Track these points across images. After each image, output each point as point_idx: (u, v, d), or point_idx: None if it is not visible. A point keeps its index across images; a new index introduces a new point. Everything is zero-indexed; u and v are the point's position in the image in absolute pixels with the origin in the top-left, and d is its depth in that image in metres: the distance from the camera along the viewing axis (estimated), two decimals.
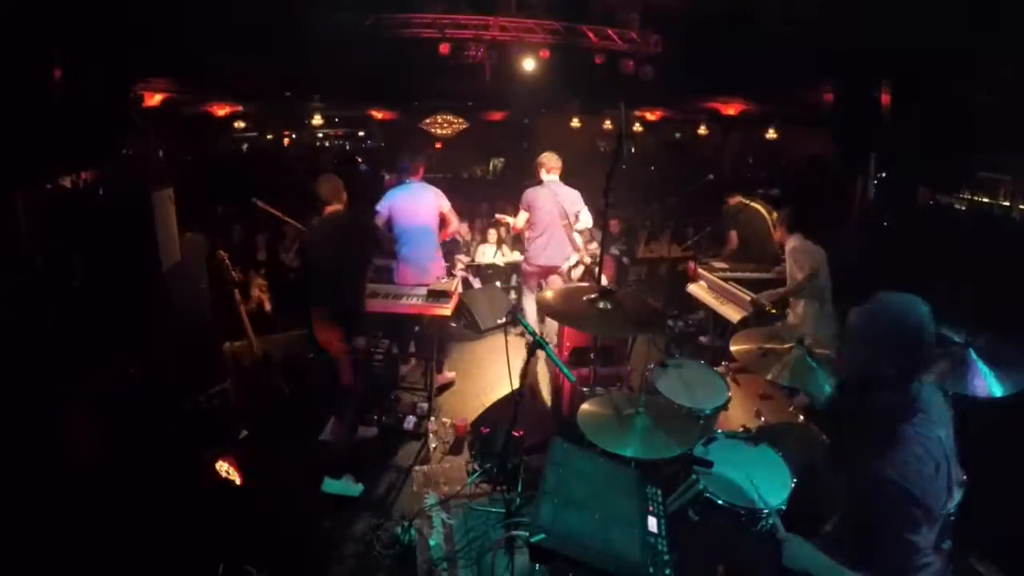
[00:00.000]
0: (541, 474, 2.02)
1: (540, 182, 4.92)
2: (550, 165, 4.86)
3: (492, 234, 7.40)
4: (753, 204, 5.38)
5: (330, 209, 3.67)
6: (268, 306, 5.18)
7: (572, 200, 4.84)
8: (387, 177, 4.88)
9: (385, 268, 4.67)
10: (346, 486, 3.42)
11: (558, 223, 4.82)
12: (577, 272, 5.62)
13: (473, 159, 14.78)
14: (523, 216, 4.88)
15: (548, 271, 4.96)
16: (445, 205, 4.52)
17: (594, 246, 5.64)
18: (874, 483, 1.58)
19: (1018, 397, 2.25)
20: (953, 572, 1.75)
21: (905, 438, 1.58)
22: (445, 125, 15.35)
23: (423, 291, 4.22)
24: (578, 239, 5.05)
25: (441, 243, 4.62)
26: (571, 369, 2.71)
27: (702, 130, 13.42)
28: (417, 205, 4.42)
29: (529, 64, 7.15)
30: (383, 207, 4.39)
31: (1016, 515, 2.46)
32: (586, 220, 4.91)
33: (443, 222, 4.56)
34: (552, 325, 4.61)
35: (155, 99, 8.73)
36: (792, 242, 4.12)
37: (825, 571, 1.74)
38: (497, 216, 5.90)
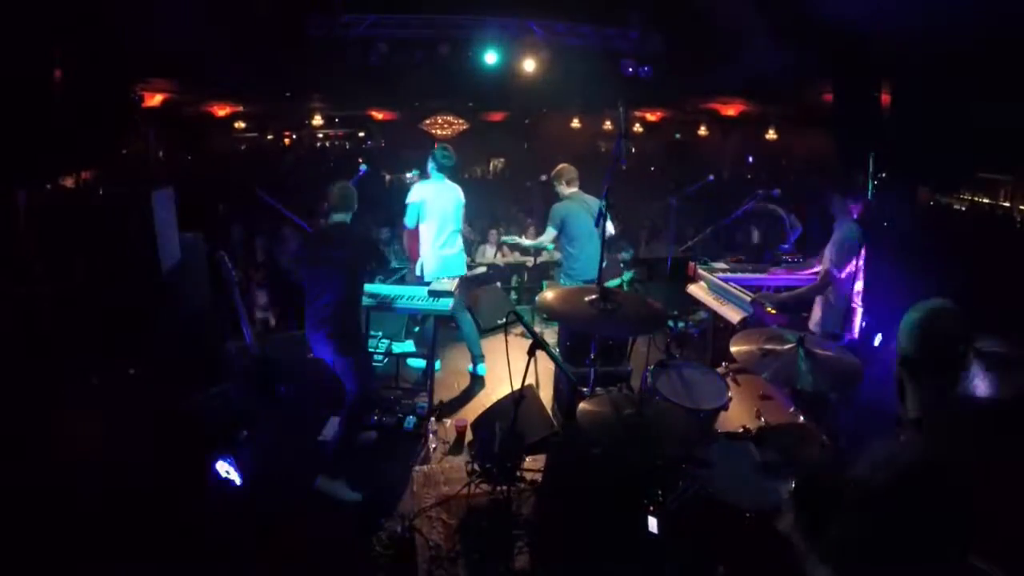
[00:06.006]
0: None
1: (558, 196, 4.77)
2: (570, 177, 4.73)
3: (492, 234, 7.41)
4: (770, 205, 5.42)
5: (336, 218, 3.55)
6: (273, 321, 5.24)
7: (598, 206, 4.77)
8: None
9: None
10: (341, 489, 3.38)
11: (595, 235, 4.60)
12: None
13: (473, 159, 14.81)
14: (551, 233, 4.73)
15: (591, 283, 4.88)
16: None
17: None
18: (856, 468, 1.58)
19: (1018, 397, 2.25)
20: (953, 571, 1.74)
21: (912, 440, 1.57)
22: (445, 125, 15.38)
23: (423, 291, 4.22)
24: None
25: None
26: (571, 369, 2.71)
27: (702, 130, 13.43)
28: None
29: (529, 64, 7.15)
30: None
31: (1016, 515, 2.46)
32: (610, 227, 4.66)
33: None
34: None
35: (155, 99, 8.75)
36: (844, 230, 3.69)
37: None
38: (504, 240, 5.90)
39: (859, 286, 4.01)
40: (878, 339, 3.83)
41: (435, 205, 4.53)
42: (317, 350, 3.59)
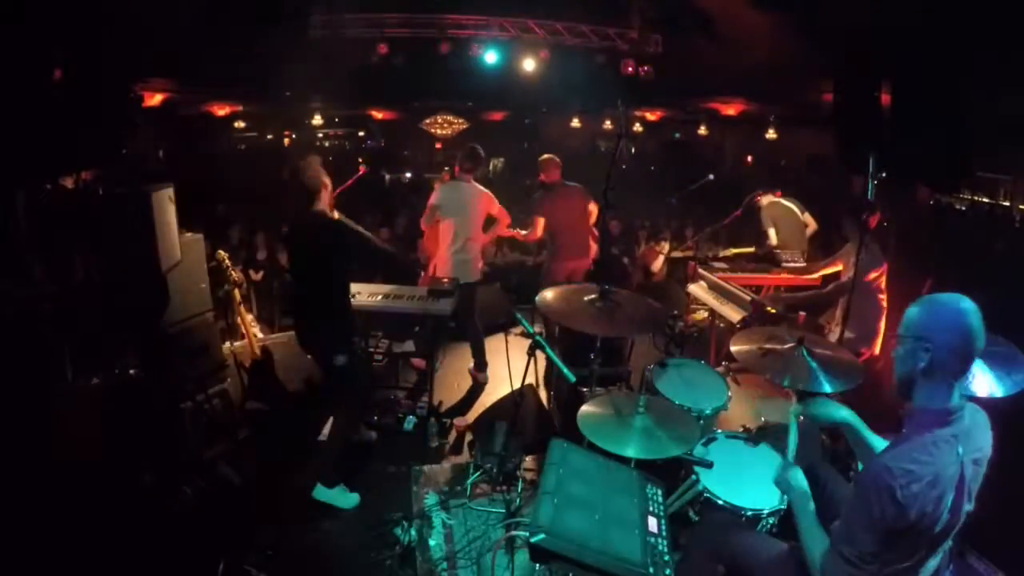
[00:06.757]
0: (541, 474, 2.02)
1: (543, 185, 5.02)
2: (552, 168, 4.98)
3: None
4: (785, 202, 5.52)
5: (315, 207, 3.20)
6: (261, 334, 5.28)
7: (582, 194, 4.98)
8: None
9: None
10: (339, 495, 3.32)
11: (577, 221, 4.95)
12: None
13: None
14: (540, 223, 4.91)
15: (576, 268, 5.07)
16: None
17: None
18: (870, 468, 1.59)
19: (1019, 397, 2.26)
20: (953, 572, 1.75)
21: (918, 440, 1.56)
22: (445, 125, 15.40)
23: (423, 291, 4.21)
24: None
25: None
26: (570, 369, 2.70)
27: (702, 130, 13.43)
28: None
29: (529, 64, 7.15)
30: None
31: (1016, 515, 2.46)
32: (593, 209, 5.05)
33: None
34: None
35: (155, 99, 8.75)
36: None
37: (801, 510, 1.79)
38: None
39: (884, 303, 3.99)
40: None
41: (452, 208, 4.52)
42: (310, 350, 3.54)
